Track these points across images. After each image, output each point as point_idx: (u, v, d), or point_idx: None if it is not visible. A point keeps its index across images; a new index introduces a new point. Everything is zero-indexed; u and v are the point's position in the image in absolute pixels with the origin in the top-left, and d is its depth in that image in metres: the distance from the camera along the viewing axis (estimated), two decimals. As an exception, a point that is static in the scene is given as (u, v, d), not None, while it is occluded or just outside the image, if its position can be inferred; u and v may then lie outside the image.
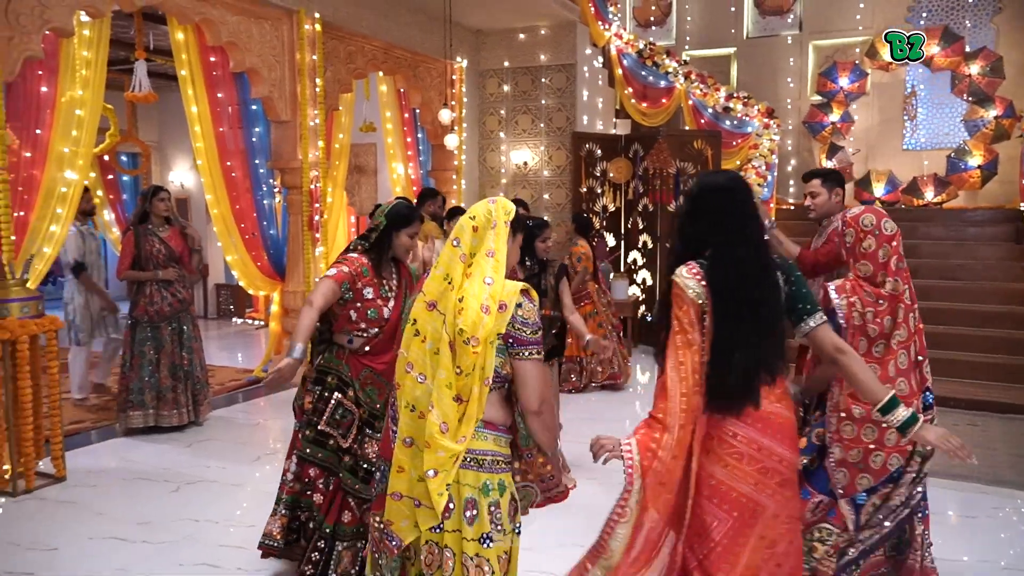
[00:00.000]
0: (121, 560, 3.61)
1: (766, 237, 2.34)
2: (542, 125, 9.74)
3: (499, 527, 2.08)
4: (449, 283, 2.10)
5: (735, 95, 9.69)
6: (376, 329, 3.08)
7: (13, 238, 4.64)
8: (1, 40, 4.52)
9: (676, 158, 8.60)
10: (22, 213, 4.88)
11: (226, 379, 7.03)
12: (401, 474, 2.10)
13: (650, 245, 8.84)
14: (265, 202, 7.07)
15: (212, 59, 6.50)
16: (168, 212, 5.62)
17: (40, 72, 5.03)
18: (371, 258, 3.09)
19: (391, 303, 3.09)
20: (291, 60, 6.75)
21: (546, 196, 9.73)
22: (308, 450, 3.12)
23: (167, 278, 5.51)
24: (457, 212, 5.99)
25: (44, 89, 5.06)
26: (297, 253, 7.02)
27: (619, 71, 9.25)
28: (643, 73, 9.38)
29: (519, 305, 2.08)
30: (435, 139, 8.85)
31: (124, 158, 11.96)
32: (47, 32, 4.84)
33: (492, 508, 2.08)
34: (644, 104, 9.17)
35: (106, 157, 10.85)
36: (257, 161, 6.98)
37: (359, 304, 3.05)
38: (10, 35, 4.60)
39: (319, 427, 3.06)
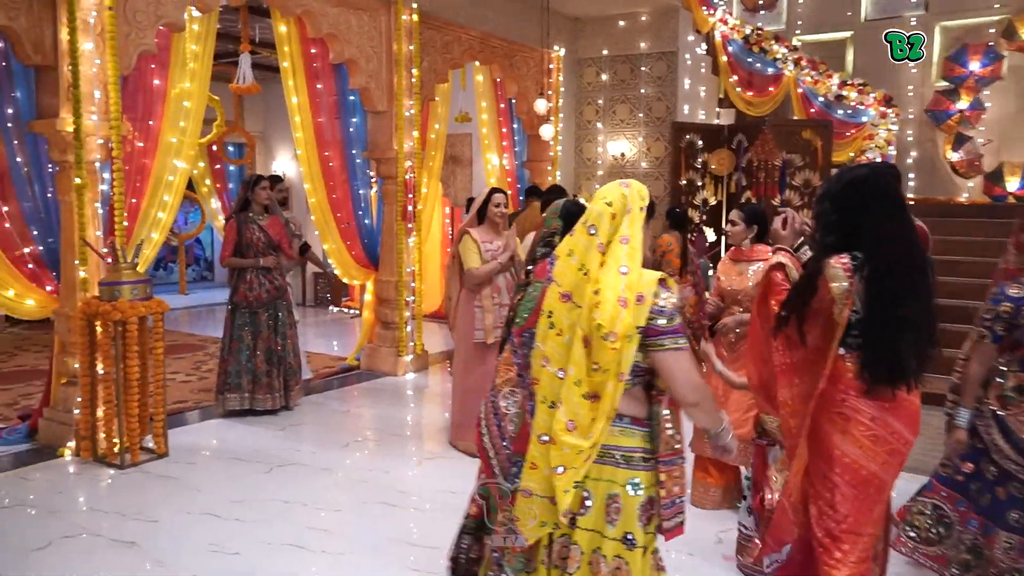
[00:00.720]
0: (214, 535, 3.81)
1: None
2: (641, 115, 9.60)
3: (644, 526, 2.07)
4: (585, 273, 2.06)
5: (849, 82, 9.27)
6: None
7: (126, 224, 4.97)
8: (120, 36, 4.84)
9: (782, 149, 8.31)
10: (134, 200, 5.22)
11: (320, 365, 7.30)
12: (534, 471, 2.07)
13: (695, 242, 8.58)
14: (361, 192, 7.27)
15: (313, 51, 6.74)
16: (268, 200, 5.88)
17: (152, 66, 5.35)
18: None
19: None
20: (388, 51, 6.92)
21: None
22: None
23: (267, 265, 5.76)
24: (551, 194, 5.96)
25: (156, 82, 5.38)
26: (391, 243, 7.20)
27: (724, 58, 9.00)
28: (749, 60, 9.10)
29: (656, 295, 2.03)
30: (531, 129, 8.88)
31: (231, 148, 12.57)
32: (160, 27, 5.14)
33: (639, 507, 2.06)
34: (749, 93, 8.89)
35: (214, 147, 11.47)
36: (354, 151, 7.20)
37: None
38: (128, 31, 4.92)
39: None
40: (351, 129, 7.19)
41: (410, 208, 7.18)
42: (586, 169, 10.06)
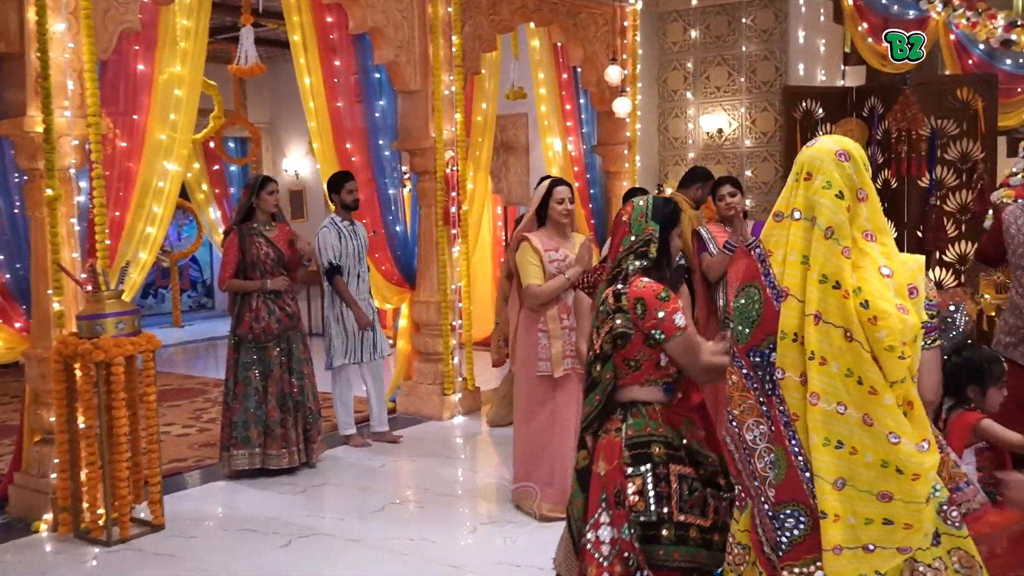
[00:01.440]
0: (225, 628, 3.86)
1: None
2: (742, 80, 9.49)
3: (953, 523, 2.40)
4: (835, 286, 2.21)
5: (1020, 23, 9.00)
6: (680, 368, 2.97)
7: (108, 242, 5.11)
8: (96, 13, 5.00)
9: (931, 114, 8.11)
10: (117, 213, 5.36)
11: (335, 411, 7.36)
12: (837, 523, 2.23)
13: (893, 233, 8.35)
14: (391, 192, 7.34)
15: (328, 19, 6.86)
16: (277, 207, 5.98)
17: (136, 47, 5.50)
18: (658, 277, 2.97)
19: (690, 327, 2.97)
20: (421, 15, 7.00)
21: (748, 173, 9.47)
22: (662, 552, 2.80)
23: (276, 288, 5.84)
24: (635, 193, 5.94)
25: (141, 67, 5.53)
26: (430, 254, 7.24)
27: (849, 1, 8.85)
28: (884, 2, 8.92)
29: (926, 285, 2.29)
30: (601, 105, 8.85)
31: (231, 144, 12.91)
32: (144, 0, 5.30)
33: (941, 508, 2.39)
34: (884, 43, 8.71)
35: (211, 144, 11.77)
36: (381, 142, 7.27)
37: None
38: (106, 6, 5.08)
39: (675, 519, 2.80)
40: (377, 115, 7.28)
41: (453, 210, 7.21)
42: (673, 151, 9.98)
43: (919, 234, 8.19)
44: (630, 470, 2.81)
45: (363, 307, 6.32)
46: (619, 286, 2.92)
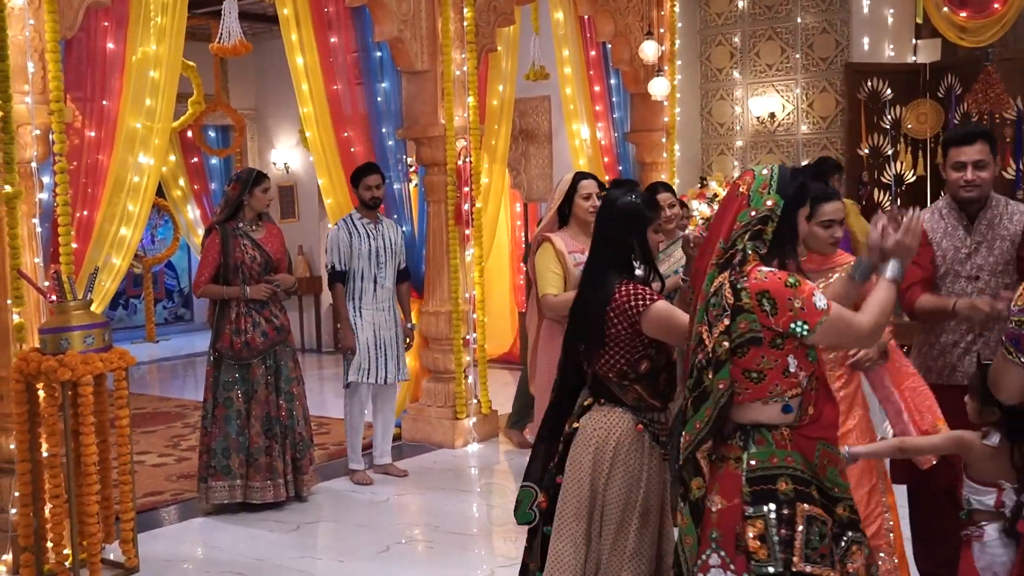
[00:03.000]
0: None
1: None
2: (798, 56, 9.48)
3: None
4: None
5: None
6: (809, 374, 2.82)
7: (75, 246, 5.15)
8: (60, -15, 5.05)
9: (1017, 94, 8.07)
10: (85, 212, 5.41)
11: (343, 437, 7.37)
12: None
13: (974, 233, 8.34)
14: (396, 187, 7.38)
15: (323, -10, 6.92)
16: (267, 207, 6.03)
17: (105, 23, 5.55)
18: (783, 264, 2.86)
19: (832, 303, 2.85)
20: (428, -16, 7.04)
21: (805, 162, 9.44)
22: None
23: (256, 296, 5.85)
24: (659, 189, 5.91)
25: (110, 46, 5.58)
26: (440, 257, 7.27)
27: (919, -34, 8.81)
28: (960, -35, 8.88)
29: None
30: (635, 86, 8.86)
31: (212, 133, 12.99)
32: (114, -30, 5.35)
33: None
34: (963, 13, 8.66)
35: (189, 133, 11.85)
36: (384, 129, 7.31)
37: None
38: (70, -23, 5.12)
39: (795, 567, 2.69)
40: (380, 99, 7.31)
41: (466, 207, 7.24)
42: (717, 139, 9.97)
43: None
44: (750, 510, 2.72)
45: (382, 319, 6.35)
46: (736, 276, 2.76)
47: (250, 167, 7.70)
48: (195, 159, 12.63)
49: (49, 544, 4.86)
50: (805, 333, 2.70)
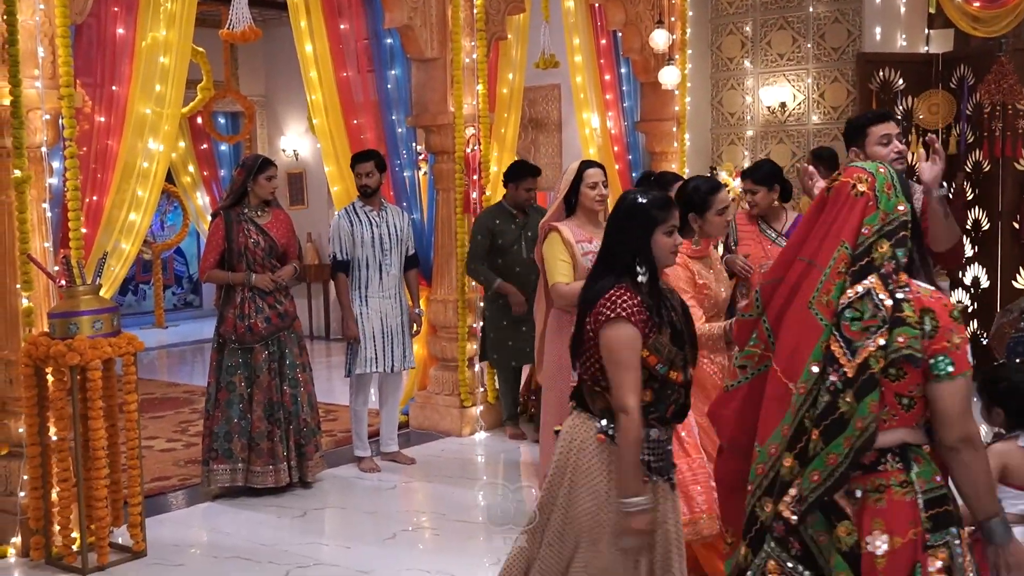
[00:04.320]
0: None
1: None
2: (809, 46, 9.44)
3: None
4: None
5: None
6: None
7: (84, 231, 5.18)
8: (69, -30, 5.06)
9: (1029, 86, 8.03)
10: (95, 197, 5.43)
11: (343, 426, 7.40)
12: None
13: (985, 225, 8.30)
14: (405, 175, 7.39)
15: (333, -23, 6.92)
16: (273, 195, 6.04)
17: (115, 8, 5.57)
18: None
19: None
20: (439, -29, 7.04)
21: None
22: None
23: (260, 286, 5.88)
24: (669, 179, 5.92)
25: (120, 31, 5.59)
26: (448, 246, 7.28)
27: (932, -45, 8.77)
28: (972, -44, 8.83)
29: None
30: (645, 75, 8.84)
31: (221, 120, 13.03)
32: (124, -45, 5.37)
33: None
34: (976, 3, 8.61)
35: (199, 119, 11.88)
36: (394, 117, 7.33)
37: None
38: (80, -38, 5.14)
39: None
40: (389, 86, 7.33)
41: (474, 195, 7.24)
42: (728, 129, 9.94)
43: (1015, 225, 8.10)
44: (933, 538, 2.40)
45: (388, 307, 6.37)
46: (893, 285, 2.46)
47: (256, 154, 7.72)
48: (204, 145, 12.68)
49: (56, 528, 4.93)
50: (944, 374, 2.40)
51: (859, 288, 2.44)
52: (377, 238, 6.31)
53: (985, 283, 8.36)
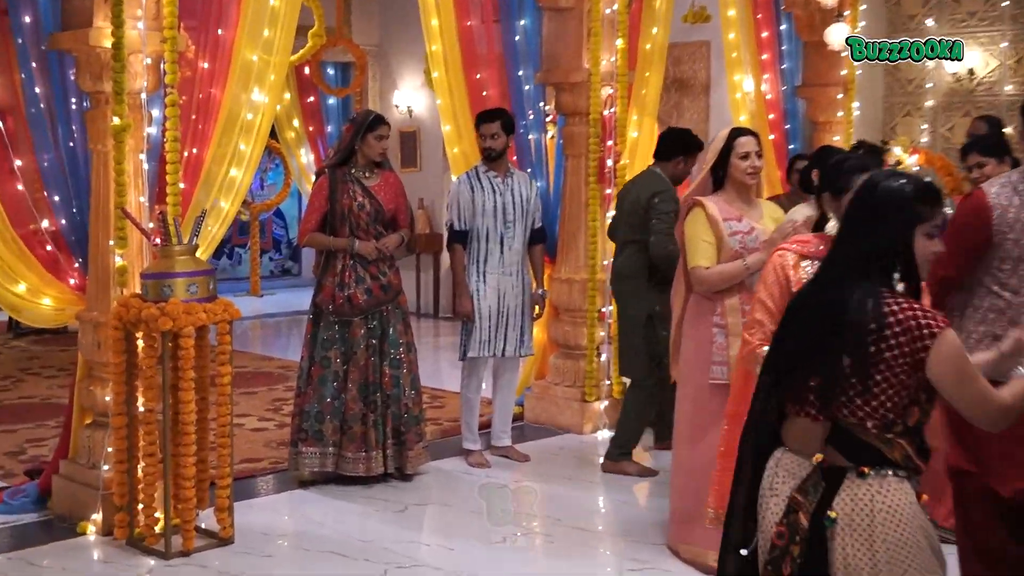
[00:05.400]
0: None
1: None
2: (1005, 4, 9.14)
3: None
4: None
5: None
6: None
7: (182, 186, 5.34)
8: (178, -99, 5.21)
9: None
10: (195, 150, 5.59)
11: (458, 413, 7.47)
12: None
13: None
14: (531, 137, 7.40)
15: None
16: (383, 155, 6.11)
17: (225, -55, 5.72)
18: None
19: None
20: (579, -91, 7.03)
21: (1009, 130, 9.11)
22: None
23: (364, 252, 5.95)
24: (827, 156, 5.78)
25: (229, -31, 5.74)
26: (576, 217, 7.28)
27: None
28: None
29: None
30: (809, 34, 8.68)
31: (330, 71, 13.24)
32: None
33: None
34: None
35: (306, 70, 12.10)
36: (521, 72, 7.34)
37: None
38: None
39: None
40: (517, 38, 7.34)
41: (609, 163, 7.22)
42: (904, 98, 9.71)
43: None
44: None
45: (508, 285, 6.38)
46: None
47: (368, 109, 7.83)
48: (311, 98, 12.91)
49: (140, 506, 5.09)
50: None
51: None
52: (500, 207, 6.34)
53: None
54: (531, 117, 7.42)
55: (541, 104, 7.55)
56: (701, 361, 4.91)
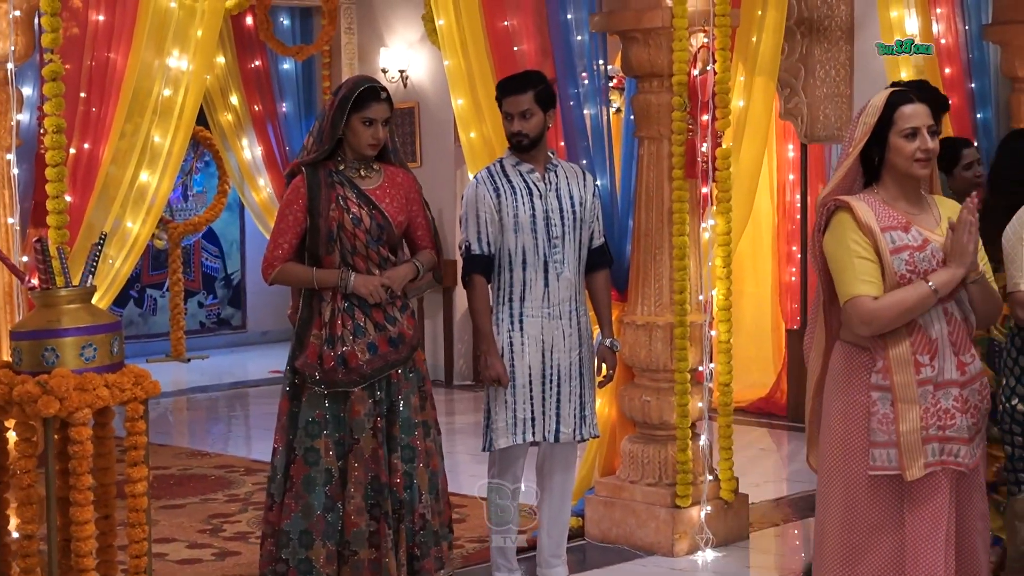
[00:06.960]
0: None
1: None
2: None
3: None
4: None
5: None
6: None
7: (69, 199, 5.35)
8: None
9: None
10: (86, 145, 5.62)
11: (486, 530, 7.47)
12: None
13: None
14: (586, 113, 7.41)
15: None
16: (376, 141, 6.02)
17: None
18: None
19: None
20: None
21: None
22: None
23: (363, 293, 5.89)
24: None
25: None
26: (657, 232, 7.29)
27: None
28: None
29: None
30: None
31: (283, 21, 13.31)
32: None
33: None
34: None
35: (249, 19, 12.16)
36: (570, 16, 7.35)
37: None
38: None
39: None
40: (564, -36, 7.38)
41: (704, 148, 7.21)
42: None
43: None
44: None
45: (557, 332, 6.33)
46: None
47: (360, 76, 7.73)
48: (257, 62, 12.92)
49: None
50: None
51: None
52: (541, 217, 6.29)
53: None
54: (585, 83, 7.43)
55: (600, 63, 7.55)
56: (853, 444, 4.88)
